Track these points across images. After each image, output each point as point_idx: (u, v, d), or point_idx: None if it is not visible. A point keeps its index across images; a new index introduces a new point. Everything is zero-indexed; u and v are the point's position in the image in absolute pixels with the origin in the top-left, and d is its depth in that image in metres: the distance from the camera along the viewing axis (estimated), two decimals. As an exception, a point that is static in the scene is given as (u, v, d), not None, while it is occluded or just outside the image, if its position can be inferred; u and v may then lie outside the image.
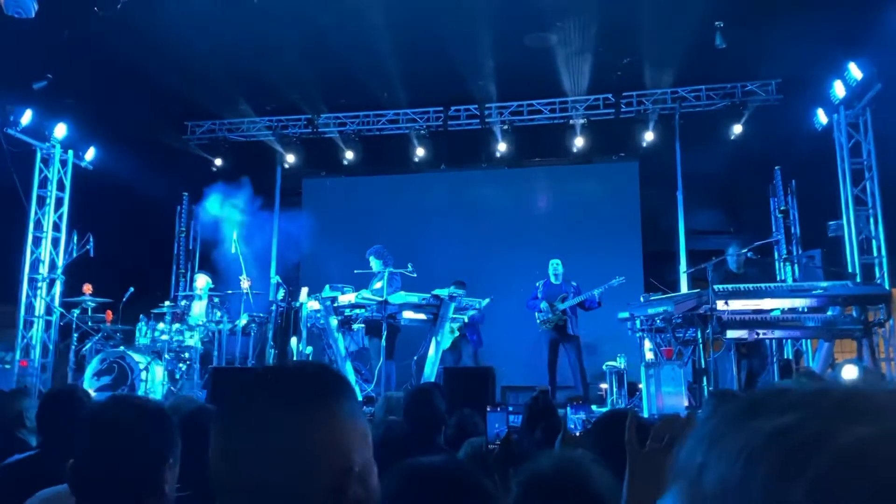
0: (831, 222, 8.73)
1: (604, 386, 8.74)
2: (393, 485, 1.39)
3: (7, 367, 8.54)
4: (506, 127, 11.12)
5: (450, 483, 1.60)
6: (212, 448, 0.94)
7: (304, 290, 8.35)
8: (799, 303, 6.77)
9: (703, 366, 6.90)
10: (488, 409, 3.43)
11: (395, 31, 8.67)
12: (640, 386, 7.46)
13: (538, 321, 8.49)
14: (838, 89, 8.41)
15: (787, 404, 0.49)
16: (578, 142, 10.89)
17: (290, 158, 11.67)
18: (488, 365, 7.63)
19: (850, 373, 5.01)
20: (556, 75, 9.82)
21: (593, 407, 7.97)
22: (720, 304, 6.50)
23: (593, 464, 1.67)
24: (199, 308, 8.67)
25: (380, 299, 7.57)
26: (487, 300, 8.47)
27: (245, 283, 8.39)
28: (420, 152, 11.46)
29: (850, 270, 8.20)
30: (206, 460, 2.59)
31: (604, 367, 8.56)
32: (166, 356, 8.12)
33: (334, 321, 7.89)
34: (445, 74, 9.97)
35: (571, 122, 10.87)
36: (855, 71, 8.10)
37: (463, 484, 1.62)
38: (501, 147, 11.16)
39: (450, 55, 9.18)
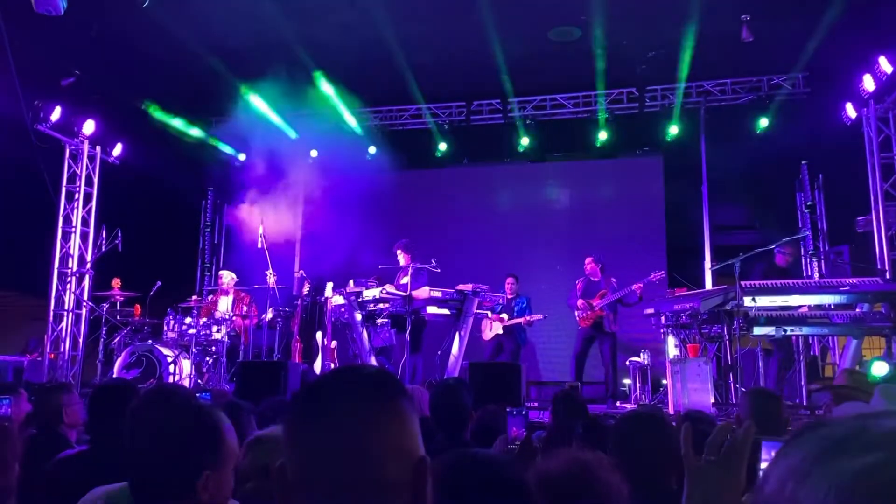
0: (860, 218, 8.60)
1: (627, 381, 8.74)
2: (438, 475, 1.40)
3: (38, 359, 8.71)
4: (529, 121, 11.08)
5: (493, 473, 1.62)
6: (290, 447, 0.96)
7: (329, 285, 8.40)
8: (827, 299, 6.69)
9: (729, 362, 6.86)
10: (508, 410, 3.45)
11: (417, 25, 8.68)
12: (664, 382, 7.44)
13: (577, 318, 8.41)
14: (867, 83, 8.27)
15: (871, 443, 0.51)
16: (602, 136, 10.83)
17: (314, 153, 11.71)
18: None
19: (880, 369, 4.97)
20: (579, 69, 9.76)
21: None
22: (747, 301, 6.45)
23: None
24: (225, 303, 8.77)
25: (404, 294, 7.60)
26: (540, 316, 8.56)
27: (271, 278, 8.45)
28: (442, 147, 11.46)
29: (878, 267, 8.09)
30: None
31: (627, 362, 8.55)
32: (193, 350, 8.23)
33: (359, 316, 7.93)
34: (468, 69, 9.96)
35: (595, 116, 10.81)
36: (885, 65, 7.97)
37: (505, 476, 1.64)
38: (524, 142, 11.12)
39: (472, 49, 9.17)
